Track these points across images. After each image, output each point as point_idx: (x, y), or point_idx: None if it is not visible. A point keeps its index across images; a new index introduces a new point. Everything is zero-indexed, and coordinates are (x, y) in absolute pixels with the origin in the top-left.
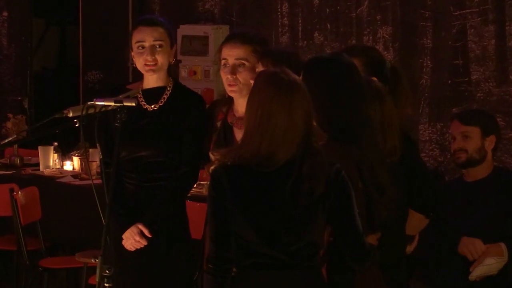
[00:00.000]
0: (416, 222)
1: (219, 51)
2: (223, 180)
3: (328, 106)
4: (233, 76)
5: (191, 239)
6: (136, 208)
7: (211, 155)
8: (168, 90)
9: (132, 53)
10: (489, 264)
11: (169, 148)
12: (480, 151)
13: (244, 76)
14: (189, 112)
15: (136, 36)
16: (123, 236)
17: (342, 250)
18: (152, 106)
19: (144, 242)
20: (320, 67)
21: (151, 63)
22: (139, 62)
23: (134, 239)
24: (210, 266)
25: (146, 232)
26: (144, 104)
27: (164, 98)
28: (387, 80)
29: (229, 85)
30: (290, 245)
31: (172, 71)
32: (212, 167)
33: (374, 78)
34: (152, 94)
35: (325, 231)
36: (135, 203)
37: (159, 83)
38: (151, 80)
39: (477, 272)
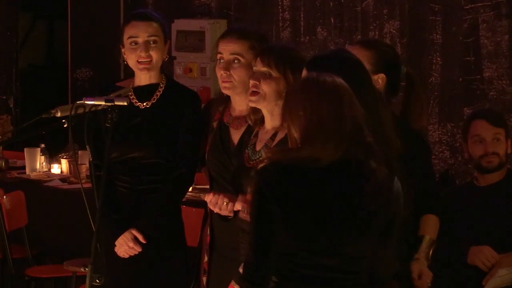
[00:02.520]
0: (435, 223)
1: (216, 46)
2: (273, 179)
3: None
4: (226, 72)
5: (187, 246)
6: (129, 213)
7: (263, 153)
8: (161, 87)
9: (123, 50)
10: (502, 276)
11: (163, 148)
12: (506, 154)
13: (238, 73)
14: (184, 110)
15: (129, 31)
16: (116, 243)
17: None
18: (144, 104)
19: (138, 249)
20: (324, 65)
21: (145, 60)
22: (132, 59)
23: (128, 246)
24: (248, 274)
25: (140, 238)
26: (136, 102)
27: (157, 95)
28: (399, 85)
29: (223, 81)
30: (345, 255)
31: (165, 68)
32: (261, 165)
33: (383, 75)
34: (144, 91)
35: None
36: (128, 208)
37: (152, 80)
38: (143, 78)
39: (490, 285)
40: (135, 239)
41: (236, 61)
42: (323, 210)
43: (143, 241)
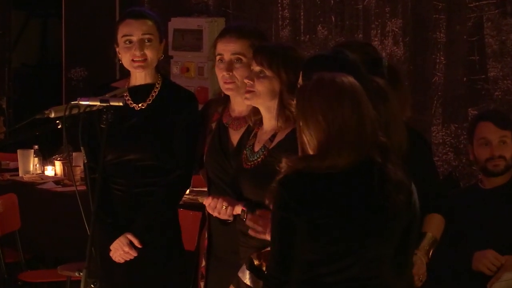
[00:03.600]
0: (438, 222)
1: (214, 46)
2: (297, 189)
3: None
4: (229, 73)
5: (184, 250)
6: (125, 216)
7: (283, 162)
8: (157, 87)
9: (118, 49)
10: (507, 280)
11: (160, 150)
12: None
13: (241, 73)
14: (181, 110)
15: (123, 30)
16: (111, 247)
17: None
18: (140, 105)
19: (134, 254)
20: (322, 66)
21: (140, 59)
22: (126, 57)
23: (123, 250)
24: (272, 285)
25: (136, 242)
26: (131, 103)
27: (153, 95)
28: (383, 78)
29: (225, 82)
30: (367, 260)
31: (161, 67)
32: (282, 175)
33: None
34: (140, 92)
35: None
36: (124, 211)
37: (147, 80)
38: (139, 77)
39: None
40: (131, 244)
41: (238, 61)
42: (347, 214)
43: (139, 246)
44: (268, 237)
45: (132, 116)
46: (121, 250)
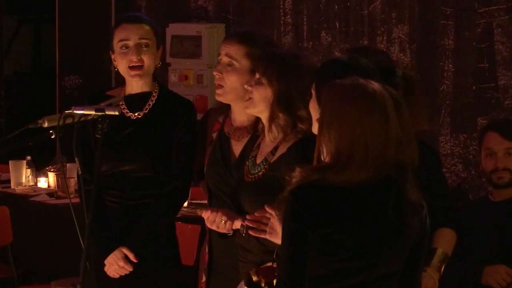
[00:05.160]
0: (449, 237)
1: (220, 47)
2: (310, 200)
3: None
4: (219, 74)
5: (182, 265)
6: (120, 229)
7: (297, 171)
8: (154, 96)
9: (113, 55)
10: None
11: (156, 161)
12: None
13: (230, 77)
14: (178, 120)
15: (119, 35)
16: (106, 262)
17: None
18: (136, 114)
19: (129, 268)
20: (337, 72)
21: (137, 65)
22: (122, 64)
23: (118, 265)
24: None
25: (131, 257)
26: (127, 112)
27: (150, 104)
28: (397, 89)
29: (216, 85)
30: (378, 275)
31: (158, 75)
32: (295, 185)
33: None
34: (136, 101)
35: None
36: (118, 224)
37: (144, 89)
38: (135, 86)
39: None
40: (126, 258)
41: (230, 65)
42: (361, 232)
43: (134, 260)
44: (269, 237)
45: (128, 126)
46: (115, 265)
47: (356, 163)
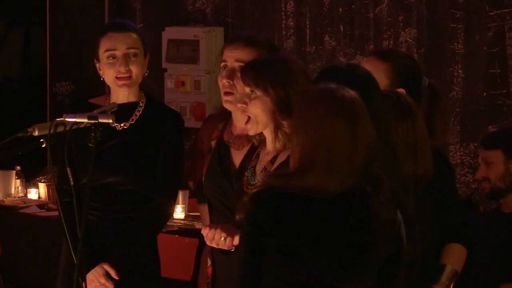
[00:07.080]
0: (458, 253)
1: (221, 53)
2: (269, 208)
3: None
4: (229, 81)
5: (161, 279)
6: (101, 245)
7: (258, 177)
8: (141, 106)
9: (98, 64)
10: None
11: (141, 174)
12: (504, 178)
13: (242, 84)
14: (165, 133)
15: (105, 44)
16: (86, 278)
17: None
18: (122, 125)
19: (110, 286)
20: (332, 78)
21: (125, 76)
22: (109, 74)
23: (99, 282)
24: None
25: (112, 273)
26: (112, 122)
27: (136, 115)
28: (420, 99)
29: (225, 93)
30: None
31: (145, 85)
32: (254, 190)
33: (402, 90)
34: (122, 111)
35: None
36: (99, 238)
37: (130, 98)
38: (121, 95)
39: None
40: (107, 275)
41: None
42: (323, 244)
43: (116, 278)
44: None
45: (113, 137)
46: (96, 282)
47: (318, 167)
